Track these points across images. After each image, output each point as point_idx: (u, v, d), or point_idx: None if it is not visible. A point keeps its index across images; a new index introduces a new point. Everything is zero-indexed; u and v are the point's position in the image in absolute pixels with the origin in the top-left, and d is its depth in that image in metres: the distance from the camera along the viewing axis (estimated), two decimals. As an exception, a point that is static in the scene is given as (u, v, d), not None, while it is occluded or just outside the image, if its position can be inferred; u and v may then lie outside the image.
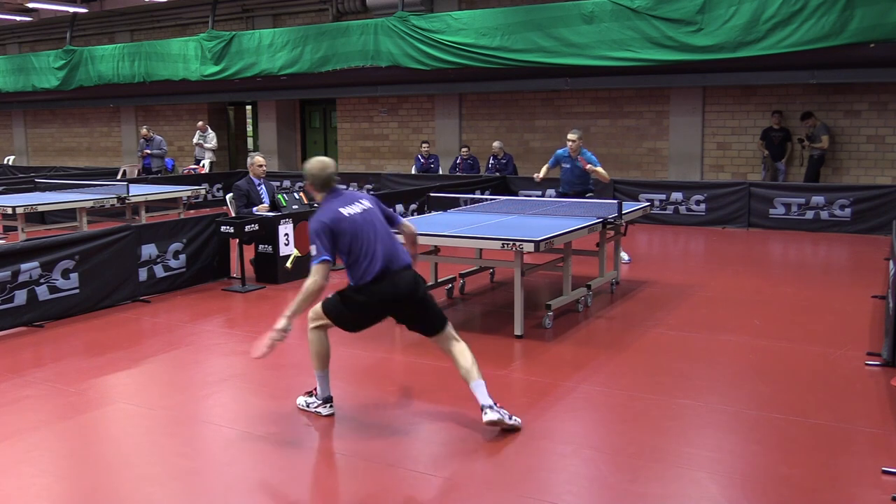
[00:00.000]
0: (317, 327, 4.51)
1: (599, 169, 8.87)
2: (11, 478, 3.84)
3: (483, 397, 4.27)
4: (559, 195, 9.32)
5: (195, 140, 16.80)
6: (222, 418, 4.64)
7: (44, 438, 4.35)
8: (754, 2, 11.19)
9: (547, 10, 12.75)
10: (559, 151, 9.15)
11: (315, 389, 4.66)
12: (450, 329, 4.50)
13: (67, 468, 4.02)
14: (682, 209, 12.42)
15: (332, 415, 4.57)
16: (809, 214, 11.55)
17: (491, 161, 14.37)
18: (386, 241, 4.37)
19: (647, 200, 10.91)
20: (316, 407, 4.62)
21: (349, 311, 4.41)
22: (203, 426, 4.55)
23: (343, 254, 4.34)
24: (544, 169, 9.20)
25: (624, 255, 8.93)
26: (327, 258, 4.24)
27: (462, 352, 4.44)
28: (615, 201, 7.51)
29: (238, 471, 3.96)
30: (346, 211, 4.34)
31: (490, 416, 4.21)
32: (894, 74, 11.51)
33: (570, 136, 8.93)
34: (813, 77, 11.97)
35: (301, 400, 4.72)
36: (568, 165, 9.03)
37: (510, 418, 4.31)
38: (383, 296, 4.30)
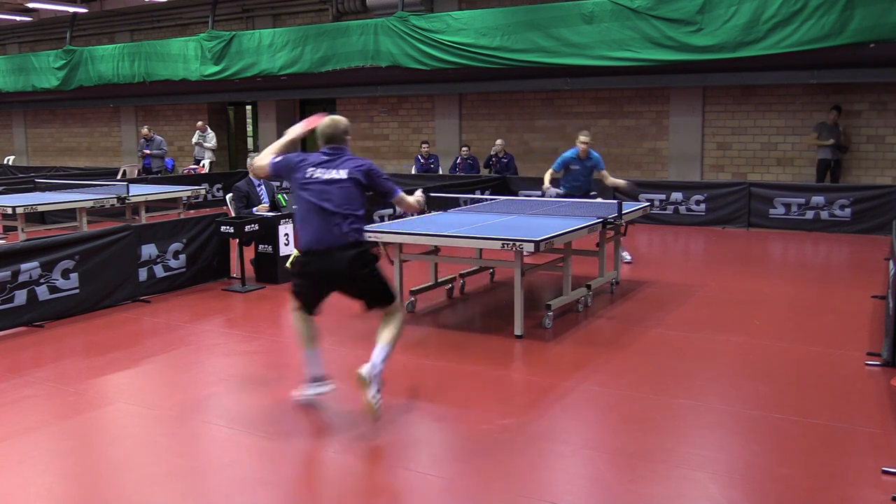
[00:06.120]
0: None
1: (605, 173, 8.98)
2: (11, 478, 3.84)
3: (375, 356, 4.32)
4: (564, 196, 9.07)
5: (194, 140, 16.82)
6: (222, 418, 4.63)
7: (44, 438, 4.35)
8: (754, 2, 11.19)
9: (547, 10, 12.74)
10: (567, 154, 8.99)
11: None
12: (393, 308, 4.56)
13: (67, 468, 4.02)
14: (682, 209, 12.42)
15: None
16: (809, 214, 11.55)
17: (492, 159, 14.36)
18: (326, 217, 4.34)
19: (647, 200, 10.90)
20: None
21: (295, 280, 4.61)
22: (203, 426, 4.54)
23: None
24: (549, 175, 9.03)
25: (626, 255, 8.92)
26: (273, 161, 4.61)
27: (387, 324, 4.50)
28: (615, 201, 7.51)
29: (238, 471, 3.96)
30: (316, 170, 4.47)
31: (364, 369, 4.22)
32: (894, 74, 11.50)
33: (582, 139, 8.84)
34: (813, 77, 11.96)
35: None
36: (577, 167, 8.96)
37: (375, 397, 4.23)
38: (317, 266, 4.40)
